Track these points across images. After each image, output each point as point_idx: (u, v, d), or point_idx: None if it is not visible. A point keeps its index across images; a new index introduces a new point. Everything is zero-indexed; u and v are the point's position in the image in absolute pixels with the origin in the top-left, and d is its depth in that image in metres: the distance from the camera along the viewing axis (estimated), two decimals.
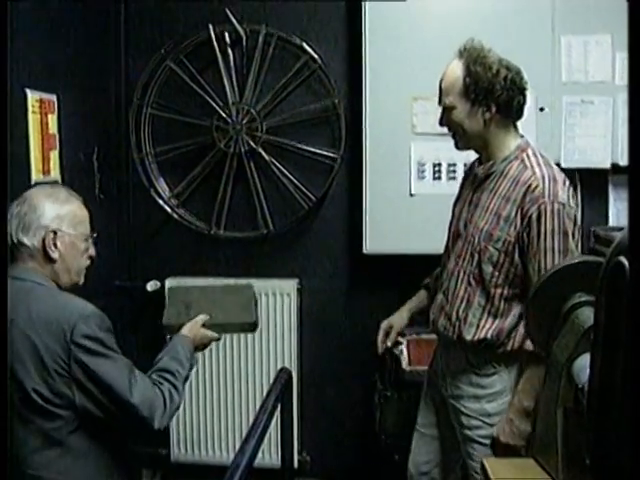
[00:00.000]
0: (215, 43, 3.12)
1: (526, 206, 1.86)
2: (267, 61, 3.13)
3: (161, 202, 3.26)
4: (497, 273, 1.93)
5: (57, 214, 1.79)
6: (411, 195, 2.91)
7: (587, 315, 1.40)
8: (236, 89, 3.15)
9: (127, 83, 3.23)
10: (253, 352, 3.17)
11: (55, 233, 1.78)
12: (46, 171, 2.52)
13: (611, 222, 3.03)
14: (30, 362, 1.66)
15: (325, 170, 3.16)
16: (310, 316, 3.23)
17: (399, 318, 2.29)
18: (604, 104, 2.86)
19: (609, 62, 2.83)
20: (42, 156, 2.50)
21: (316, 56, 3.09)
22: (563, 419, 1.39)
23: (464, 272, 2.00)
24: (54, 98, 2.60)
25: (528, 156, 1.94)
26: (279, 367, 2.75)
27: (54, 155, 2.59)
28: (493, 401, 2.00)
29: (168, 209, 3.27)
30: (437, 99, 2.01)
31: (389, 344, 2.27)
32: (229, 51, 3.14)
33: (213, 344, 2.10)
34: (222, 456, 3.22)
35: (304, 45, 3.10)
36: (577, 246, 1.91)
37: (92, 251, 1.91)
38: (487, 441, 2.02)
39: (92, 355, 1.68)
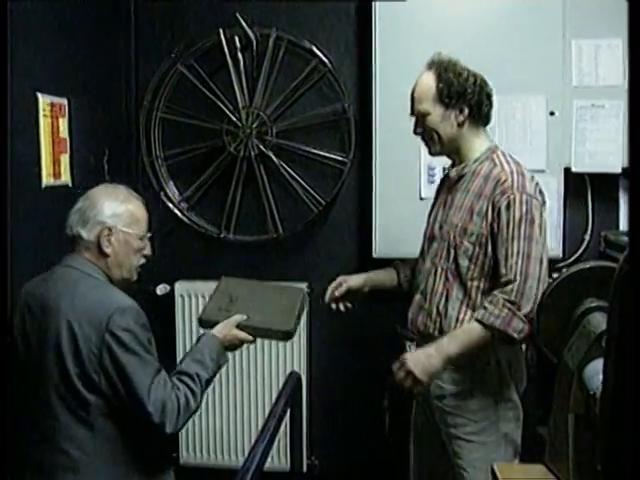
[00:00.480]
0: (225, 47, 3.13)
1: (496, 198, 1.97)
2: (277, 65, 3.13)
3: (171, 206, 3.27)
4: (473, 266, 2.01)
5: (114, 212, 1.89)
6: (421, 199, 2.91)
7: (598, 320, 1.40)
8: (246, 93, 3.16)
9: (137, 87, 3.24)
10: (263, 355, 3.17)
11: (110, 229, 1.88)
12: (57, 175, 2.53)
13: (622, 226, 3.01)
14: (67, 346, 1.74)
15: (335, 174, 3.16)
16: (319, 320, 3.23)
17: (356, 277, 2.39)
18: (615, 108, 2.84)
19: (620, 66, 2.82)
20: (53, 160, 2.51)
21: (326, 60, 3.09)
22: (574, 425, 1.39)
23: (441, 269, 2.07)
24: (65, 102, 2.60)
25: (498, 156, 2.06)
26: (288, 371, 2.75)
27: (65, 159, 2.60)
28: (476, 397, 2.03)
29: (178, 213, 3.27)
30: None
31: (337, 294, 2.35)
32: (239, 55, 3.15)
33: None
34: (231, 460, 3.23)
35: (314, 49, 3.10)
36: (544, 238, 1.96)
37: (148, 250, 2.00)
38: (473, 438, 2.04)
39: (123, 348, 1.74)
